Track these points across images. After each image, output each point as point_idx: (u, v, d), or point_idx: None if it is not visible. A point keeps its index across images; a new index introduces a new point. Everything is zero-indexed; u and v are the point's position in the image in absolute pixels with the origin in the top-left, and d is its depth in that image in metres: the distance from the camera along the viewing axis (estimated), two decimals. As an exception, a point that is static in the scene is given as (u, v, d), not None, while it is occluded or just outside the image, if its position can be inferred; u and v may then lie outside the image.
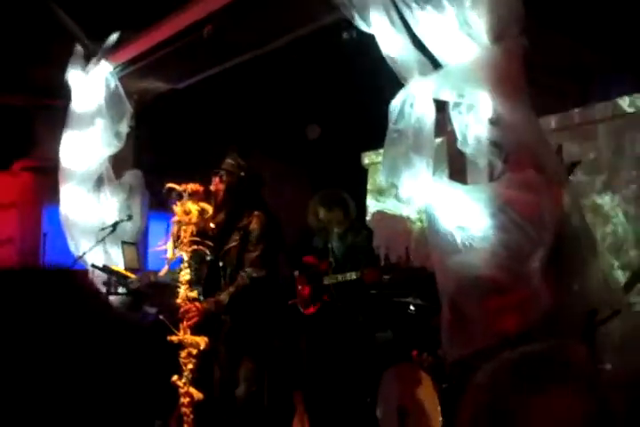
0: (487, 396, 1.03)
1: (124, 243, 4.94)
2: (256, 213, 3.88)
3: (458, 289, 2.85)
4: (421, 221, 6.20)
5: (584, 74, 5.29)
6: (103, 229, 4.72)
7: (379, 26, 3.12)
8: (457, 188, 2.91)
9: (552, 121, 4.92)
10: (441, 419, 3.97)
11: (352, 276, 4.63)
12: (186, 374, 3.67)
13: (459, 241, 2.85)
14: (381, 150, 3.22)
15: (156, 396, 4.18)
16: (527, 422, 0.98)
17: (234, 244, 3.87)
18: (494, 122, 2.81)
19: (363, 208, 6.59)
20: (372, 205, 6.94)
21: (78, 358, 0.75)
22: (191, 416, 3.64)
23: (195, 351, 3.67)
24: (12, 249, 6.87)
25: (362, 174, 6.96)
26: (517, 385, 1.01)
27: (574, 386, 1.00)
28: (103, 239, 4.70)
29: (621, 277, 4.37)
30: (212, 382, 3.91)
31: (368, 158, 6.93)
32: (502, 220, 2.72)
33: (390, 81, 3.16)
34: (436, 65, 3.01)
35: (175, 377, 3.67)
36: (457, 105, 2.92)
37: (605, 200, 4.80)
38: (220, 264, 3.94)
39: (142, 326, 4.58)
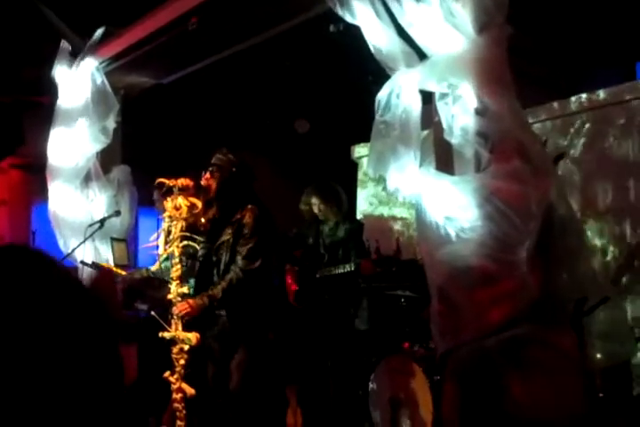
0: (462, 382, 1.03)
1: (113, 239, 4.92)
2: (249, 206, 3.89)
3: (447, 280, 2.86)
4: (409, 214, 6.20)
5: (572, 64, 5.29)
6: (91, 225, 4.70)
7: (364, 17, 3.11)
8: (444, 179, 2.91)
9: (539, 111, 4.92)
10: (433, 410, 3.98)
11: (346, 268, 4.64)
12: (178, 369, 3.67)
13: (447, 232, 2.85)
14: (369, 144, 3.22)
15: (149, 392, 4.19)
16: (504, 403, 0.98)
17: (227, 238, 3.88)
18: (480, 112, 2.81)
19: (352, 201, 6.58)
20: (362, 197, 6.94)
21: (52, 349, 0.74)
22: (184, 412, 3.64)
23: (186, 347, 3.67)
24: (2, 247, 6.83)
25: (351, 167, 6.95)
26: (492, 369, 1.01)
27: (551, 367, 1.00)
28: (91, 235, 4.67)
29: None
30: (204, 378, 3.91)
31: (357, 151, 6.92)
32: (489, 210, 2.72)
33: (378, 73, 3.16)
34: (421, 56, 3.00)
35: (167, 373, 3.68)
36: (443, 96, 2.92)
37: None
38: (214, 259, 3.94)
39: (134, 323, 4.58)
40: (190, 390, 3.64)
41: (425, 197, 2.97)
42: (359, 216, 6.65)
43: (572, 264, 2.89)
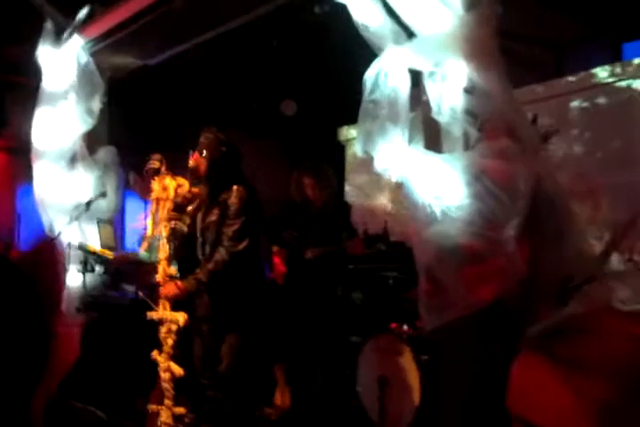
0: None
1: (99, 221, 4.90)
2: (235, 187, 3.86)
3: (434, 259, 2.86)
4: (396, 196, 6.21)
5: (559, 43, 5.29)
6: (77, 207, 4.66)
7: (351, -5, 3.08)
8: (432, 157, 2.91)
9: (526, 92, 4.92)
10: (420, 389, 4.03)
11: (334, 248, 4.65)
12: (166, 349, 3.67)
13: (434, 211, 2.86)
14: (357, 124, 3.20)
15: (137, 372, 4.20)
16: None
17: (213, 218, 3.86)
18: (469, 91, 2.80)
19: (340, 183, 6.58)
20: (350, 179, 6.94)
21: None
22: (172, 391, 3.65)
23: (174, 327, 3.68)
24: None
25: (338, 149, 6.94)
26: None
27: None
28: (77, 218, 4.64)
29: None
30: (192, 358, 3.92)
31: (344, 133, 6.90)
32: (478, 188, 2.72)
33: (365, 54, 3.14)
34: (410, 34, 2.98)
35: (155, 352, 3.68)
36: (431, 74, 2.91)
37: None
38: (200, 240, 3.93)
39: (122, 302, 4.57)
40: (178, 370, 3.65)
41: (413, 176, 2.97)
42: (347, 198, 6.65)
43: (559, 243, 2.91)
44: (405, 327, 4.43)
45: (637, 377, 0.77)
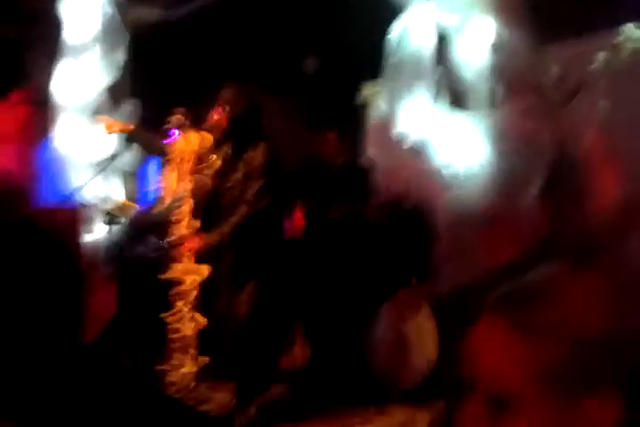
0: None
1: (124, 174, 4.95)
2: (259, 144, 3.88)
3: (455, 221, 2.87)
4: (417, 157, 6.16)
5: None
6: (102, 160, 4.69)
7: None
8: (458, 114, 2.91)
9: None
10: (435, 346, 4.08)
11: (355, 209, 4.66)
12: (190, 300, 3.76)
13: (457, 170, 2.87)
14: (381, 81, 3.19)
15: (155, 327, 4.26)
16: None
17: (238, 176, 3.88)
18: (497, 48, 2.78)
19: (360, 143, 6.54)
20: (370, 139, 6.88)
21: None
22: (196, 341, 3.74)
23: (199, 279, 3.76)
24: (10, 183, 6.82)
25: (359, 108, 6.86)
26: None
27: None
28: (102, 171, 4.68)
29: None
30: (215, 309, 4.00)
31: (367, 90, 6.83)
32: (502, 146, 2.73)
33: (389, 10, 3.10)
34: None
35: (181, 304, 3.76)
36: (458, 31, 2.88)
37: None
38: (224, 196, 3.96)
39: (148, 255, 4.63)
40: (202, 320, 3.74)
41: (437, 135, 2.97)
42: (368, 157, 6.61)
43: (579, 204, 2.91)
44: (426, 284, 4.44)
45: (589, 343, 0.77)
